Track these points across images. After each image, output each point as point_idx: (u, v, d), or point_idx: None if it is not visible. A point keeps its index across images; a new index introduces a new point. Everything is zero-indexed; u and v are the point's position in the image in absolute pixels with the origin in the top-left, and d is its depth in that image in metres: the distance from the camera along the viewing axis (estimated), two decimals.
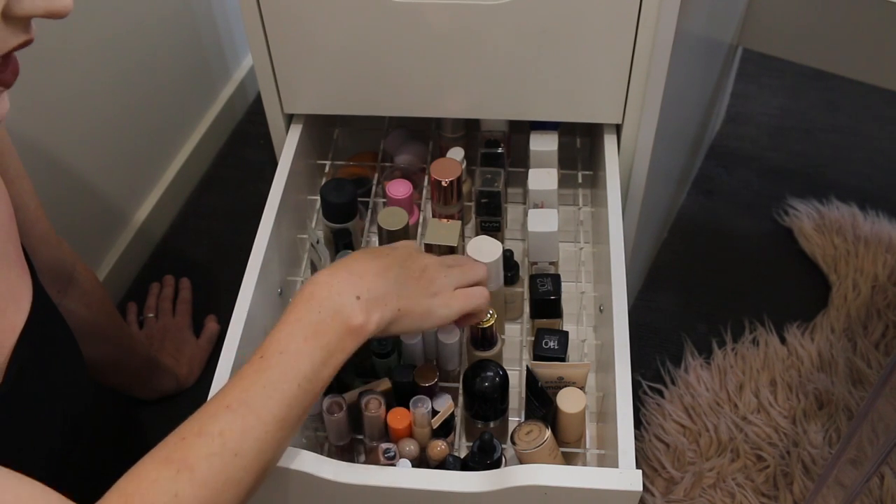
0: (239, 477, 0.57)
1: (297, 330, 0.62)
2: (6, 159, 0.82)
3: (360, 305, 0.64)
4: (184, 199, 1.61)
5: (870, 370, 1.29)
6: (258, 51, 0.90)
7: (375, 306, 0.65)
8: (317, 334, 0.62)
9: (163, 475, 0.55)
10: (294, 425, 0.62)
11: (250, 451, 0.58)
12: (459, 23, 0.85)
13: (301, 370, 0.61)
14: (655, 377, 1.31)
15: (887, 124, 1.74)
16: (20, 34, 0.51)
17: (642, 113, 0.91)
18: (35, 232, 0.89)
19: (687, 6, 0.85)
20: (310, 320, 0.63)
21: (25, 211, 0.86)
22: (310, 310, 0.63)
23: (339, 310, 0.63)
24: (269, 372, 0.60)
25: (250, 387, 0.60)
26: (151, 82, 1.45)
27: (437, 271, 0.71)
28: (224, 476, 0.56)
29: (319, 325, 0.62)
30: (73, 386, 0.78)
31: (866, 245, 1.47)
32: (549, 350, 0.82)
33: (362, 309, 0.64)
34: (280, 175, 0.92)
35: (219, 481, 0.56)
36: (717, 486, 1.17)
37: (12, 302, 0.68)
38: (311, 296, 0.64)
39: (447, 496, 0.67)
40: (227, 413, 0.58)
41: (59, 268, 0.96)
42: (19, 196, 0.85)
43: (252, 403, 0.59)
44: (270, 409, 0.59)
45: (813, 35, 1.41)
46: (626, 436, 0.69)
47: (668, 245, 1.51)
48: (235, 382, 0.61)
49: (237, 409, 0.58)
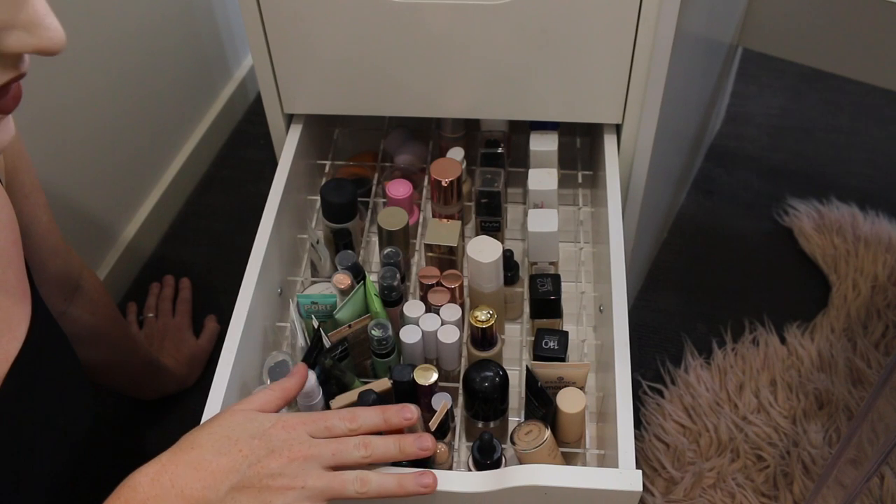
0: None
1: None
2: (22, 175, 0.82)
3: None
4: (184, 200, 1.61)
5: (870, 370, 1.29)
6: (258, 51, 0.91)
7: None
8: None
9: None
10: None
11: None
12: (459, 23, 0.85)
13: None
14: (655, 377, 1.31)
15: (887, 124, 1.74)
16: (10, 71, 0.49)
17: (642, 113, 0.91)
18: (46, 244, 0.89)
19: (687, 6, 0.85)
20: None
21: (38, 224, 0.86)
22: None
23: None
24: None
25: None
26: (151, 82, 1.45)
27: (296, 474, 0.60)
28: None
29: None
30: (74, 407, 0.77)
31: (866, 245, 1.47)
32: (549, 350, 0.82)
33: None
34: (280, 175, 0.92)
35: None
36: (717, 486, 1.17)
37: (7, 330, 0.67)
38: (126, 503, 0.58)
39: (447, 496, 0.67)
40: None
41: (66, 277, 0.96)
42: (33, 209, 0.84)
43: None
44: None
45: (813, 35, 1.41)
46: (626, 436, 0.69)
47: (668, 245, 1.51)
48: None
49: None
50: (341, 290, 0.83)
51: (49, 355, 0.73)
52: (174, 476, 0.58)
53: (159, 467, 0.59)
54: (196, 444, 0.61)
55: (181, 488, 0.58)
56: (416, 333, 0.81)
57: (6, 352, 0.66)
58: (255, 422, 0.63)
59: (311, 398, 0.77)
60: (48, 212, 0.88)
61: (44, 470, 0.71)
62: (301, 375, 0.70)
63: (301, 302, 0.82)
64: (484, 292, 0.86)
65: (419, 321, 0.82)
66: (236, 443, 0.61)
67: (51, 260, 0.90)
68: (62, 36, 0.48)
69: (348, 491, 0.61)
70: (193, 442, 0.61)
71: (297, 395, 0.69)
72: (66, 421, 0.75)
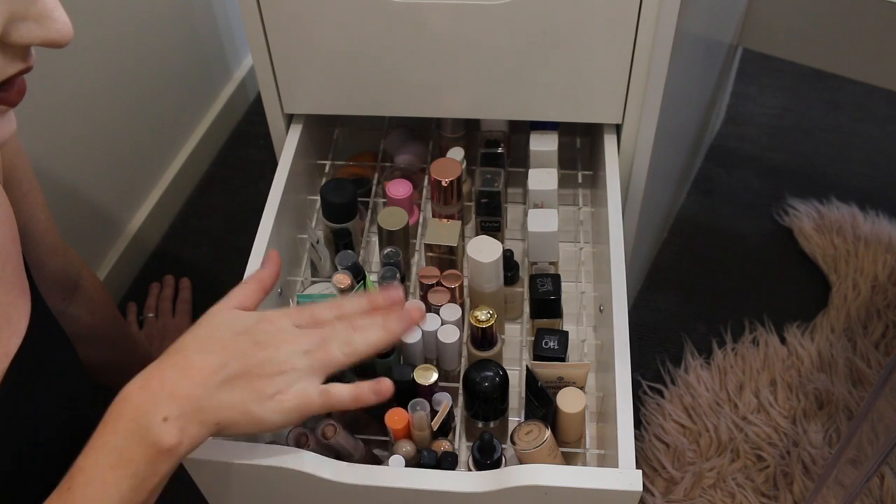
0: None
1: (103, 457, 0.56)
2: (20, 173, 0.82)
3: (168, 426, 0.57)
4: (184, 199, 1.61)
5: (870, 370, 1.29)
6: (258, 51, 0.90)
7: (189, 422, 0.58)
8: (123, 462, 0.56)
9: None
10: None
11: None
12: (459, 23, 0.85)
13: (110, 503, 0.56)
14: (655, 377, 1.31)
15: (887, 124, 1.74)
16: (18, 62, 0.49)
17: (642, 113, 0.91)
18: (44, 243, 0.89)
19: (687, 6, 0.85)
20: (115, 445, 0.57)
21: (36, 223, 0.86)
22: (116, 432, 0.57)
23: (145, 434, 0.56)
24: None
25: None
26: (151, 82, 1.45)
27: (284, 360, 0.61)
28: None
29: (125, 450, 0.56)
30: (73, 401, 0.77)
31: (866, 245, 1.47)
32: (549, 350, 0.82)
33: (172, 429, 0.57)
34: (280, 175, 0.92)
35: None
36: (717, 486, 1.17)
37: (7, 326, 0.67)
38: (119, 415, 0.58)
39: (447, 496, 0.67)
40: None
41: (65, 276, 0.96)
42: (31, 208, 0.84)
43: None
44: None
45: (813, 35, 1.41)
46: (626, 436, 0.69)
47: (668, 245, 1.51)
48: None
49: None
50: (341, 290, 0.83)
51: (49, 352, 0.73)
52: (162, 380, 0.59)
53: (147, 375, 0.60)
54: (181, 349, 0.61)
55: (171, 390, 0.58)
56: (416, 333, 0.81)
57: (6, 347, 0.66)
58: (237, 320, 0.63)
59: None
60: (46, 210, 0.88)
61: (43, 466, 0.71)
62: (274, 263, 0.69)
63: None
64: (484, 292, 0.86)
65: None
66: (221, 341, 0.61)
67: (49, 258, 0.90)
68: (70, 29, 0.49)
69: (335, 357, 0.62)
70: (178, 347, 0.61)
71: (273, 283, 0.68)
72: (66, 417, 0.75)
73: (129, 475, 0.56)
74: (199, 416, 0.58)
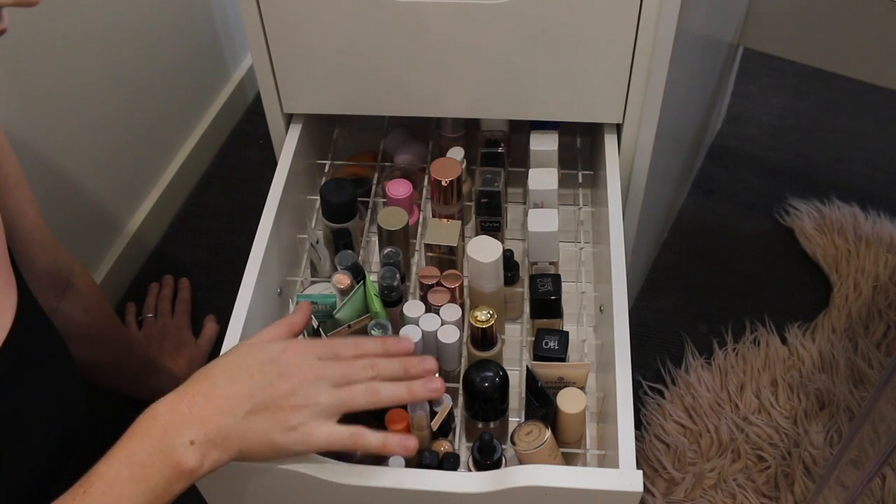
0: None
1: (124, 468, 0.58)
2: (6, 168, 0.81)
3: (193, 450, 0.59)
4: (183, 199, 1.60)
5: (871, 370, 1.29)
6: (258, 50, 0.90)
7: (213, 448, 0.60)
8: (144, 477, 0.58)
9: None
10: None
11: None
12: (459, 23, 0.85)
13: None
14: (656, 377, 1.30)
15: (888, 124, 1.74)
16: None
17: (643, 112, 0.91)
18: (34, 239, 0.88)
19: (687, 6, 0.84)
20: (139, 460, 0.59)
21: (24, 219, 0.86)
22: (142, 447, 0.59)
23: (170, 453, 0.59)
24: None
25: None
26: (150, 82, 1.45)
27: (308, 393, 0.63)
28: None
29: (147, 466, 0.58)
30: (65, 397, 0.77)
31: (867, 245, 1.46)
32: (549, 350, 0.82)
33: (196, 452, 0.59)
34: (280, 175, 0.92)
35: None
36: (718, 486, 1.17)
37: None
38: (146, 432, 0.60)
39: (447, 496, 0.67)
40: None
41: (56, 273, 0.96)
42: (18, 204, 0.84)
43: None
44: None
45: (814, 34, 1.41)
46: (626, 436, 0.69)
47: (669, 245, 1.50)
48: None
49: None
50: (341, 290, 0.83)
51: (39, 348, 0.73)
52: (191, 404, 0.61)
53: (176, 397, 0.62)
54: (209, 375, 0.64)
55: (199, 415, 0.60)
56: (416, 333, 0.81)
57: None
58: (264, 350, 0.65)
59: None
60: (35, 207, 0.88)
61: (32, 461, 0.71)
62: (305, 311, 0.72)
63: (300, 301, 0.82)
64: (484, 292, 0.86)
65: (419, 321, 0.82)
66: (248, 369, 0.63)
67: (40, 255, 0.90)
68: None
69: (359, 402, 0.64)
70: (207, 374, 0.64)
71: (301, 330, 0.71)
72: (56, 413, 0.75)
73: (147, 490, 0.58)
74: (224, 444, 0.61)
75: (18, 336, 0.69)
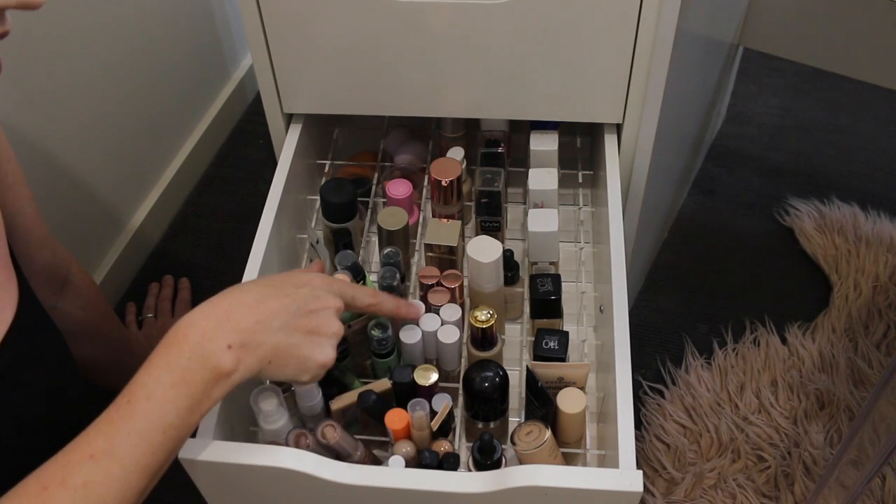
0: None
1: (166, 374, 0.60)
2: (4, 165, 0.82)
3: (230, 353, 0.62)
4: (183, 199, 1.60)
5: (871, 370, 1.29)
6: (258, 50, 0.90)
7: (248, 354, 0.63)
8: (184, 381, 0.60)
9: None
10: (158, 472, 0.60)
11: (113, 500, 0.57)
12: (459, 23, 0.85)
13: (167, 418, 0.59)
14: (656, 377, 1.30)
15: (888, 124, 1.74)
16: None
17: (643, 112, 0.91)
18: (32, 237, 0.89)
19: (687, 6, 0.84)
20: (178, 365, 0.60)
21: (23, 216, 0.86)
22: (180, 353, 0.61)
23: (208, 357, 0.61)
24: (134, 419, 0.59)
25: (115, 435, 0.58)
26: (151, 81, 1.45)
27: (322, 297, 0.69)
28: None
29: (187, 371, 0.60)
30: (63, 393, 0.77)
31: (867, 245, 1.46)
32: (549, 350, 0.82)
33: (233, 356, 0.62)
34: (280, 175, 0.92)
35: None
36: (718, 486, 1.17)
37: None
38: (184, 338, 0.61)
39: (447, 496, 0.67)
40: (91, 463, 0.57)
41: (54, 270, 0.96)
42: (17, 201, 0.84)
43: (116, 453, 0.57)
44: (135, 458, 0.58)
45: (814, 34, 1.41)
46: (626, 436, 0.69)
47: (669, 245, 1.50)
48: (100, 428, 0.59)
49: (101, 459, 0.57)
50: None
51: (38, 341, 0.74)
52: (229, 311, 0.63)
53: (211, 306, 0.64)
54: (245, 290, 0.66)
55: (236, 322, 0.63)
56: (416, 333, 0.81)
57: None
58: (296, 275, 0.70)
59: (311, 398, 0.77)
60: (33, 204, 0.88)
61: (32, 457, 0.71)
62: (319, 265, 0.80)
63: None
64: (484, 292, 0.86)
65: (419, 321, 0.82)
66: (283, 287, 0.67)
67: (38, 253, 0.91)
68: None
69: None
70: (241, 289, 0.66)
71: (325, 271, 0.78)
72: (53, 409, 0.75)
73: (188, 395, 0.60)
74: (258, 351, 0.63)
75: (19, 331, 0.69)
